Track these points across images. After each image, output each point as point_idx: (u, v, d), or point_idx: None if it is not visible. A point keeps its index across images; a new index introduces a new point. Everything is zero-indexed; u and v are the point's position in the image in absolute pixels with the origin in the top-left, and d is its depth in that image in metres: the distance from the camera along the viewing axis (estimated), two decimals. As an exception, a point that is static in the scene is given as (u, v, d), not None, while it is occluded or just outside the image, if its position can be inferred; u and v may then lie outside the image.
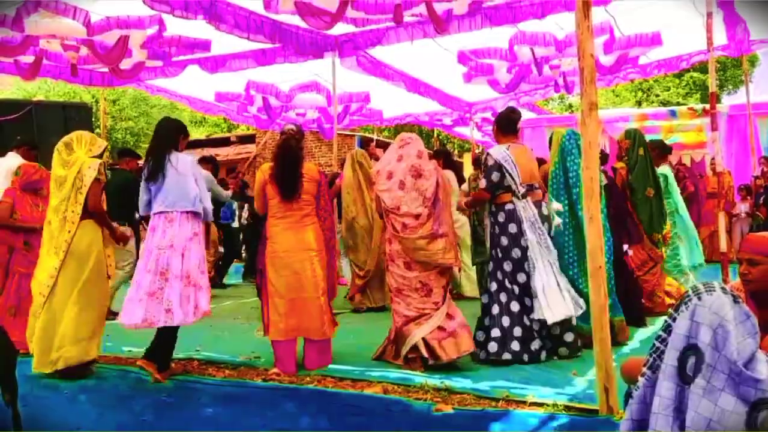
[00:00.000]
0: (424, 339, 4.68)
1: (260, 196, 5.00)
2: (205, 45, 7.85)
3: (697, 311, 2.31)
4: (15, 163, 6.71)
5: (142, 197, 4.86)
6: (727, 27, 7.44)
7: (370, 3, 6.40)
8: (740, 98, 16.83)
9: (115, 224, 5.28)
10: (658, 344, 2.44)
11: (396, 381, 4.37)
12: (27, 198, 5.77)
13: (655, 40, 7.85)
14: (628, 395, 2.65)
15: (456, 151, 27.35)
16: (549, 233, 5.04)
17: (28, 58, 7.57)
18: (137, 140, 32.48)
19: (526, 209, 4.99)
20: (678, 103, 24.31)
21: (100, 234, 4.95)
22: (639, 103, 28.59)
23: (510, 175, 4.99)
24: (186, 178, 4.77)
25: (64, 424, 3.77)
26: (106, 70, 8.77)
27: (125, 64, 7.97)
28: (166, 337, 4.68)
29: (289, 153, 4.91)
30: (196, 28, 7.15)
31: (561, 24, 7.61)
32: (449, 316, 4.79)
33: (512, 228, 4.97)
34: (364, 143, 19.23)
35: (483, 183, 5.08)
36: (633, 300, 6.08)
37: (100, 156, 5.08)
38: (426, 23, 7.10)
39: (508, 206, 5.02)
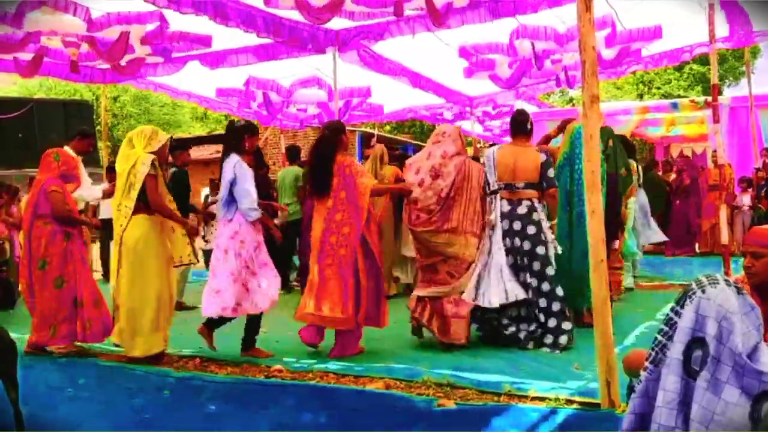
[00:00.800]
0: (423, 299, 5.23)
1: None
2: (206, 40, 7.83)
3: (701, 304, 2.30)
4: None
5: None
6: (729, 20, 7.41)
7: (370, -3, 6.38)
8: (742, 90, 16.80)
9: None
10: (660, 338, 2.42)
11: (398, 377, 4.37)
12: (65, 187, 5.55)
13: (656, 33, 7.82)
14: (630, 388, 2.64)
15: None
16: (525, 230, 5.26)
17: (27, 55, 7.55)
18: (138, 137, 32.46)
19: (492, 204, 5.36)
20: (679, 96, 24.27)
21: (154, 228, 5.06)
22: (640, 96, 28.54)
23: (486, 173, 5.40)
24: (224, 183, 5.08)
25: (65, 422, 3.77)
26: (106, 66, 8.74)
27: (126, 61, 7.94)
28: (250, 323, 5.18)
29: (315, 154, 5.22)
30: (197, 23, 7.12)
31: (563, 17, 7.57)
32: (455, 302, 5.21)
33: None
34: (365, 139, 19.22)
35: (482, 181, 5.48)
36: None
37: (165, 150, 5.27)
38: (427, 17, 7.07)
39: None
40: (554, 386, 4.02)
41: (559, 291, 5.27)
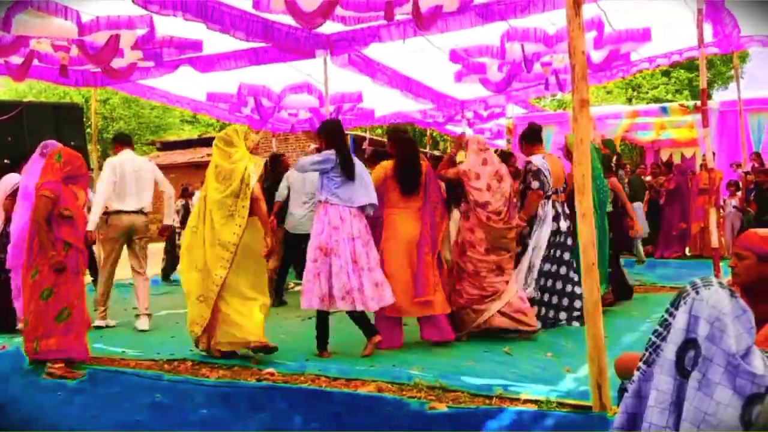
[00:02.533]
0: (501, 311, 5.55)
1: (379, 189, 5.57)
2: (197, 45, 7.82)
3: (695, 305, 2.32)
4: (139, 160, 6.98)
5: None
6: (713, 23, 7.45)
7: (360, 1, 6.38)
8: (731, 94, 16.88)
9: None
10: (654, 339, 2.45)
11: (390, 379, 4.37)
12: (69, 190, 5.07)
13: (645, 35, 7.85)
14: (622, 391, 2.66)
15: (448, 149, 27.33)
16: (570, 228, 6.12)
17: (17, 59, 7.52)
18: (129, 140, 32.27)
19: (544, 206, 6.12)
20: (668, 100, 24.38)
21: (260, 230, 5.21)
22: (629, 100, 28.67)
23: (547, 180, 6.10)
24: (363, 177, 5.28)
25: (58, 426, 3.76)
26: (97, 70, 8.72)
27: (117, 65, 7.92)
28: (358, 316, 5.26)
29: (408, 156, 5.54)
30: (187, 28, 7.11)
31: (552, 19, 7.59)
32: (520, 297, 5.70)
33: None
34: (357, 142, 19.22)
35: (536, 184, 6.04)
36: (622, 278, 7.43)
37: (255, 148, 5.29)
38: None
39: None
40: (546, 389, 4.03)
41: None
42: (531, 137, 6.35)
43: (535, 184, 6.04)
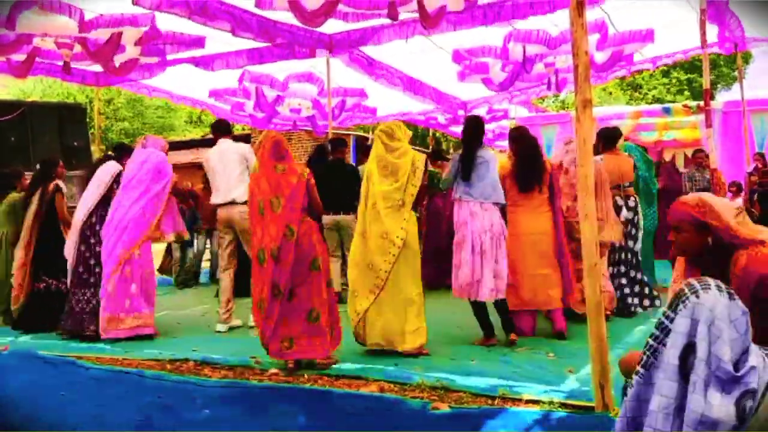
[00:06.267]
0: None
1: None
2: (200, 41, 7.81)
3: (696, 309, 2.32)
4: (236, 147, 6.54)
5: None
6: (716, 24, 7.45)
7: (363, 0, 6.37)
8: (734, 95, 16.83)
9: None
10: (652, 342, 2.44)
11: (392, 380, 4.37)
12: None
13: (648, 36, 7.84)
14: (626, 390, 2.65)
15: (451, 150, 27.32)
16: (634, 219, 6.60)
17: (20, 57, 7.53)
18: (132, 141, 32.39)
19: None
20: (668, 101, 24.33)
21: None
22: (630, 101, 28.65)
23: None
24: (489, 173, 5.34)
25: (59, 426, 3.76)
26: (99, 68, 8.72)
27: (118, 62, 7.91)
28: (500, 307, 5.41)
29: (529, 149, 5.65)
30: (191, 25, 7.11)
31: (555, 21, 7.59)
32: None
33: None
34: (359, 143, 19.25)
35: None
36: None
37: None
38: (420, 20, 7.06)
39: None
40: (548, 389, 4.03)
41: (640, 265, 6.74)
42: (607, 141, 6.70)
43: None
